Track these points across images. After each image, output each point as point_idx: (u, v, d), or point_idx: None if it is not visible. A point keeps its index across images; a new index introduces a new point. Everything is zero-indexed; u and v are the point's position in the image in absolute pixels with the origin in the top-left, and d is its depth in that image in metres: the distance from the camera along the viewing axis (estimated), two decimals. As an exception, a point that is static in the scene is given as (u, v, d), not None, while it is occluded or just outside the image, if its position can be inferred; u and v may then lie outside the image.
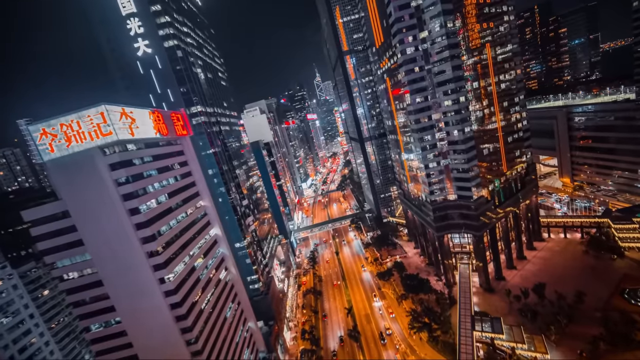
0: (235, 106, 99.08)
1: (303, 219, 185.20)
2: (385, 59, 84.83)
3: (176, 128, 51.72)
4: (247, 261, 72.70)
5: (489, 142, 75.34)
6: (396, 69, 78.04)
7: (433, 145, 75.14)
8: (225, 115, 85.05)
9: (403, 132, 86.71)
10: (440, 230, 79.47)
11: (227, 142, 79.38)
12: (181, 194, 50.41)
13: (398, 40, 71.03)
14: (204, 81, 71.93)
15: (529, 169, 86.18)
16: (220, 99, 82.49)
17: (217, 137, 72.64)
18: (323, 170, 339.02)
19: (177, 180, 51.19)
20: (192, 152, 56.99)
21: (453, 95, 68.48)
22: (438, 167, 76.14)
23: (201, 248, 52.71)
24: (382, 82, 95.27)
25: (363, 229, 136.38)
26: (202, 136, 67.10)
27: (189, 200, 52.73)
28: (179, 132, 52.78)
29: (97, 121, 34.84)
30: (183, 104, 64.51)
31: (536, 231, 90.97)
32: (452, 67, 66.28)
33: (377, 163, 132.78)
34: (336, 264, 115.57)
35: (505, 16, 75.54)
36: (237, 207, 73.70)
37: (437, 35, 66.48)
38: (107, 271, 38.67)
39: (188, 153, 56.06)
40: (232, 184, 73.81)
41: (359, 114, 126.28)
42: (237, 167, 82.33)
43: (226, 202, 69.42)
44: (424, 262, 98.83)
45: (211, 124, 70.83)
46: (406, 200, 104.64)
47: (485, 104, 73.65)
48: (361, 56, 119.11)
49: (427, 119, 73.78)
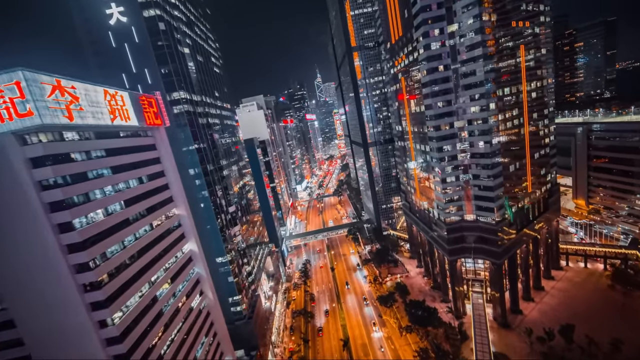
0: (229, 98, 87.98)
1: (296, 224, 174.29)
2: (402, 56, 75.12)
3: (146, 115, 40.58)
4: (230, 279, 61.54)
5: (515, 158, 66.20)
6: (415, 67, 68.36)
7: (453, 157, 65.57)
8: (216, 107, 73.89)
9: (417, 139, 77.02)
10: (453, 253, 69.85)
11: (216, 138, 68.24)
12: (146, 200, 39.27)
13: (422, 33, 61.33)
14: (192, 64, 60.79)
15: (553, 190, 77.56)
16: (211, 87, 71.35)
17: (204, 130, 61.48)
18: (319, 172, 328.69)
19: (143, 182, 40.01)
20: (167, 146, 45.86)
21: (482, 101, 59.03)
22: (457, 182, 66.59)
23: (169, 270, 41.55)
24: (394, 83, 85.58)
25: (361, 241, 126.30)
26: (184, 129, 55.85)
27: (158, 208, 41.57)
28: (149, 121, 41.62)
29: (11, 95, 23.66)
30: (163, 88, 53.27)
31: (554, 258, 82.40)
32: (483, 68, 56.83)
33: (380, 171, 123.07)
34: (330, 279, 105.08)
35: (542, 17, 66.80)
36: (222, 214, 62.57)
37: (469, 30, 56.99)
38: (23, 309, 27.33)
39: (162, 148, 44.90)
40: (217, 187, 62.69)
41: (364, 117, 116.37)
42: (226, 167, 71.22)
43: (209, 208, 58.25)
44: (429, 284, 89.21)
45: (197, 115, 59.65)
46: (412, 214, 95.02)
47: (514, 114, 64.48)
48: (371, 54, 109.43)
49: (449, 127, 64.19)
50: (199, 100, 61.86)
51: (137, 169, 39.37)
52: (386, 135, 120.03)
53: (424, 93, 65.84)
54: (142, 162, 40.83)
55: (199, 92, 62.74)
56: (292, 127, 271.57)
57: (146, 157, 41.93)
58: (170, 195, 45.24)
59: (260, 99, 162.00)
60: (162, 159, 44.72)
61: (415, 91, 72.03)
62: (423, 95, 66.42)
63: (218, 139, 69.38)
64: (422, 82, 65.66)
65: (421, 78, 65.75)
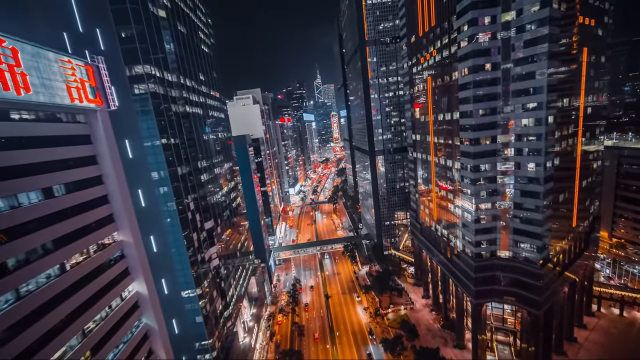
0: (219, 85, 73.14)
1: (287, 232, 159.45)
2: (433, 51, 62.30)
3: (70, 90, 25.73)
4: (198, 319, 46.61)
5: (565, 184, 54.15)
6: (451, 63, 55.55)
7: (491, 179, 52.88)
8: (200, 93, 59.04)
9: (441, 152, 64.16)
10: (480, 296, 57.04)
11: (196, 132, 53.40)
12: (64, 223, 24.47)
13: (467, 20, 48.54)
14: (168, 33, 45.95)
15: (594, 224, 66.13)
16: (194, 68, 56.49)
17: (178, 121, 46.65)
18: (314, 176, 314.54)
19: (60, 194, 25.14)
20: (111, 140, 30.99)
21: (538, 112, 46.51)
22: (492, 209, 53.90)
23: (95, 332, 26.65)
24: (417, 83, 72.73)
25: (358, 259, 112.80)
26: (148, 117, 40.87)
27: (84, 235, 26.72)
28: (78, 98, 26.77)
29: None
30: (120, 57, 38.29)
31: (586, 303, 70.94)
32: (547, 71, 44.31)
33: (385, 183, 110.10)
34: (322, 303, 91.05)
35: (606, 16, 55.33)
36: (195, 232, 47.69)
37: (532, 20, 44.44)
38: None
39: (102, 141, 30.05)
40: (191, 197, 47.82)
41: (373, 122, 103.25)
42: (206, 170, 56.37)
43: (176, 226, 43.31)
44: (438, 320, 76.37)
45: (169, 100, 44.77)
46: (422, 237, 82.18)
47: (569, 132, 52.44)
48: (387, 50, 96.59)
49: (490, 141, 51.47)
50: (175, 82, 46.97)
51: (50, 172, 24.52)
52: (394, 143, 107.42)
53: (462, 97, 53.02)
54: (62, 162, 25.96)
55: (176, 71, 47.86)
56: (288, 127, 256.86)
57: (71, 154, 27.06)
58: (110, 213, 30.41)
59: (257, 92, 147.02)
60: (100, 158, 29.86)
61: (446, 95, 59.28)
62: (460, 100, 53.57)
63: (198, 134, 54.52)
64: (459, 84, 52.84)
65: (459, 78, 52.95)
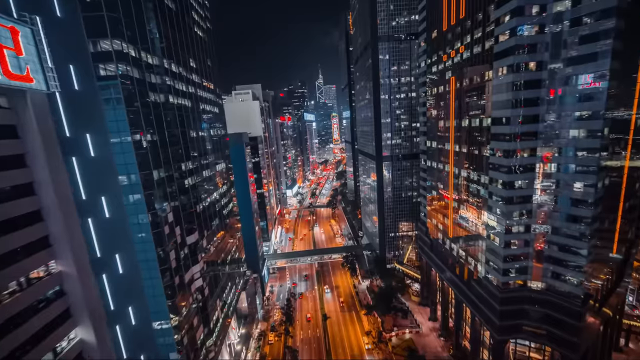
0: (213, 75, 64.83)
1: (282, 237, 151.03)
2: (460, 47, 54.55)
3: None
4: (173, 357, 38.18)
5: (611, 207, 46.66)
6: (484, 62, 47.80)
7: (525, 199, 45.17)
8: (189, 82, 50.66)
9: (464, 162, 56.41)
10: (504, 332, 49.31)
11: (181, 127, 45.03)
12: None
13: (510, 9, 40.85)
14: (151, 5, 37.60)
15: (631, 252, 58.78)
16: (184, 52, 48.13)
17: (159, 114, 38.32)
18: (312, 177, 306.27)
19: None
20: (50, 133, 22.62)
21: (593, 123, 38.89)
22: (525, 233, 46.19)
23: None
24: (437, 84, 65.03)
25: (358, 272, 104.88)
26: (116, 105, 32.42)
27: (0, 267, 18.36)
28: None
29: None
30: (82, 28, 29.85)
31: (615, 338, 63.58)
32: (608, 74, 36.68)
33: (391, 191, 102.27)
34: (319, 322, 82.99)
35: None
36: (174, 250, 39.26)
37: (592, 11, 36.80)
38: None
39: (34, 135, 21.60)
40: (169, 207, 39.43)
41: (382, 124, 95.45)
42: (192, 173, 47.96)
43: (148, 243, 34.91)
44: (447, 348, 68.70)
45: (148, 87, 36.40)
46: (432, 254, 74.48)
47: (620, 147, 44.93)
48: (401, 48, 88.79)
49: (528, 154, 43.77)
50: (156, 65, 38.61)
51: None
52: (403, 149, 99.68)
53: (495, 100, 45.30)
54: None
55: (159, 53, 39.49)
56: (288, 126, 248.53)
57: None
58: (44, 235, 22.02)
59: (257, 88, 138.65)
60: (31, 158, 21.45)
61: (474, 97, 51.56)
62: (493, 104, 45.83)
63: (184, 129, 46.11)
64: (494, 85, 45.14)
65: (493, 79, 45.23)
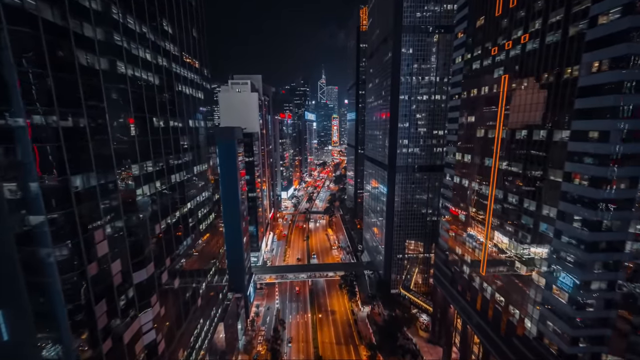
0: (200, 52, 51.35)
1: (274, 245, 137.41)
2: (522, 36, 42.05)
3: None
4: None
5: None
6: (564, 53, 35.33)
7: (614, 245, 32.73)
8: (159, 50, 37.13)
9: (515, 185, 43.88)
10: (564, 419, 36.75)
11: (136, 111, 31.50)
12: None
13: (624, -23, 28.41)
14: None
15: None
16: (153, 7, 34.64)
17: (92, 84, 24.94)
18: (309, 179, 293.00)
19: None
20: None
21: None
22: (609, 292, 33.77)
23: None
24: (478, 83, 52.52)
25: (358, 295, 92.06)
26: (2, 67, 18.97)
27: None
28: None
29: None
30: None
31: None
32: None
33: (400, 206, 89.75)
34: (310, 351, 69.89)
35: None
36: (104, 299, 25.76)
37: None
38: None
39: None
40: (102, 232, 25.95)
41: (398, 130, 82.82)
42: (150, 179, 34.45)
43: (56, 294, 21.30)
44: (465, 408, 55.95)
45: (71, 39, 22.98)
46: (451, 287, 62.01)
47: None
48: (426, 42, 76.33)
49: (627, 185, 31.38)
50: (93, 10, 25.14)
51: None
52: (420, 159, 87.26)
53: (580, 107, 32.87)
54: None
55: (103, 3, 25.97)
56: (288, 124, 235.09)
57: None
58: None
59: (257, 79, 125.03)
60: None
61: (540, 101, 39.11)
62: (576, 112, 33.37)
63: (144, 115, 32.58)
64: (581, 86, 32.74)
65: (580, 78, 32.82)
